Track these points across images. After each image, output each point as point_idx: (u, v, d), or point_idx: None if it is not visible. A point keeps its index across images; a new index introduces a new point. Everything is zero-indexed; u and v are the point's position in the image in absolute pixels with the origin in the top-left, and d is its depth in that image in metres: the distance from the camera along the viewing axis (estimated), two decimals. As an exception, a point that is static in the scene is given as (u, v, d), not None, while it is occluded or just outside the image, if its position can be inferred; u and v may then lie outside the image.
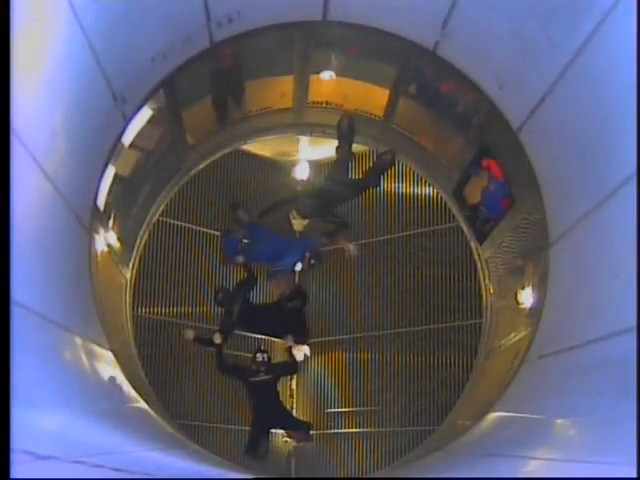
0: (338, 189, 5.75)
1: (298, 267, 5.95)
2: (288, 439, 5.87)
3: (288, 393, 7.33)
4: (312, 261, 5.85)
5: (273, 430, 5.82)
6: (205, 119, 5.69)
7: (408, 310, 6.99)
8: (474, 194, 5.56)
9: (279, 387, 6.05)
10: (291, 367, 6.11)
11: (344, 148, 5.71)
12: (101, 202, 4.29)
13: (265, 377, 5.70)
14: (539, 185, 4.24)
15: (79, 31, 2.95)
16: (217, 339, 5.75)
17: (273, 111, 5.95)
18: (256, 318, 6.07)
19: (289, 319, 6.05)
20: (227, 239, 6.09)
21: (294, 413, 7.03)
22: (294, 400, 7.32)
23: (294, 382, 7.37)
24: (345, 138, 5.66)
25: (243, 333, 7.11)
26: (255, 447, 5.56)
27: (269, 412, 5.74)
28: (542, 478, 2.69)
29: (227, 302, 5.87)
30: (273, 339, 7.28)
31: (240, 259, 5.93)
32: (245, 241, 6.15)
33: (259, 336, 7.15)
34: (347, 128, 5.59)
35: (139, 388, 4.38)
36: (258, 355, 5.77)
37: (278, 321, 6.07)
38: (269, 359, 5.80)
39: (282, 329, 6.12)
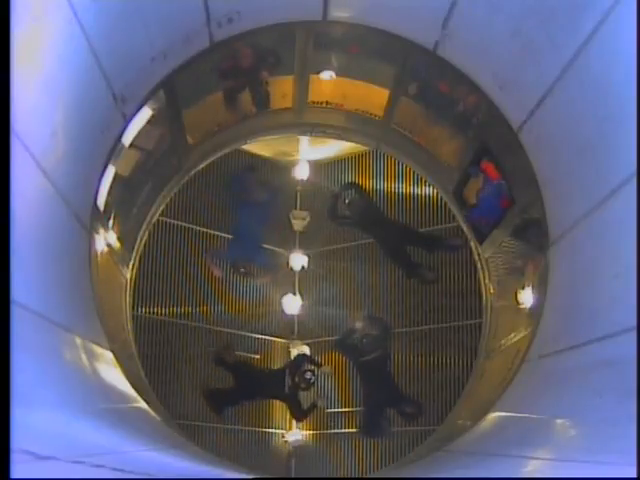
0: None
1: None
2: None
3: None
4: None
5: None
6: (205, 119, 5.68)
7: (408, 310, 7.01)
8: (474, 195, 5.56)
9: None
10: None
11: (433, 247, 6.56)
12: (101, 202, 4.28)
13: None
14: (539, 185, 4.23)
15: (79, 31, 2.95)
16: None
17: (273, 111, 5.94)
18: None
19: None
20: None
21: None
22: (294, 400, 7.32)
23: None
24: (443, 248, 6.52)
25: (244, 333, 7.14)
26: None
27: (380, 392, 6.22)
28: (542, 478, 2.69)
29: None
30: (275, 339, 7.29)
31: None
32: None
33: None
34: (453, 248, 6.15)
35: (139, 388, 4.37)
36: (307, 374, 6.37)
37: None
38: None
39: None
